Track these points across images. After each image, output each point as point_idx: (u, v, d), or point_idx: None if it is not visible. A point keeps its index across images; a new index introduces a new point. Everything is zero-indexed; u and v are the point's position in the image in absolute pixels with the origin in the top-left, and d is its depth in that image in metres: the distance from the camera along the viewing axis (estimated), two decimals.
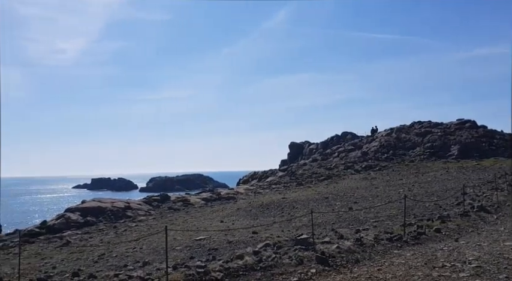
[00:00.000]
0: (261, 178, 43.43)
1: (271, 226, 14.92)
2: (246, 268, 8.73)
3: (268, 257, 9.27)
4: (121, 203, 26.06)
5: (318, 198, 22.03)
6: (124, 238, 16.22)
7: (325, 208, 18.89)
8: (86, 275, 9.16)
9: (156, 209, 26.08)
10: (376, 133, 48.77)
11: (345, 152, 44.32)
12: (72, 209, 24.67)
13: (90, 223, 22.20)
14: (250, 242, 11.96)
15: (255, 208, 20.83)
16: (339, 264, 9.05)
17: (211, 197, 29.83)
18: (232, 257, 9.57)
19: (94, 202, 26.15)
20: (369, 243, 10.57)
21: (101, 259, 11.82)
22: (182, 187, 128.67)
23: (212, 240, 13.11)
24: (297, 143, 64.76)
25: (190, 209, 25.03)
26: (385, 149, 41.00)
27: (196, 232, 15.11)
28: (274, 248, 10.36)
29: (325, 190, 25.37)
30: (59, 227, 21.35)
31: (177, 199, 29.47)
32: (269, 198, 24.73)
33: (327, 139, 58.28)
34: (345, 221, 14.75)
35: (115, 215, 23.63)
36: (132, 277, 8.52)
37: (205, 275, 8.27)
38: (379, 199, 19.65)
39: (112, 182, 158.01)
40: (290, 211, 19.06)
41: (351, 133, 56.29)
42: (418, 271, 8.31)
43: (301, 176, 35.23)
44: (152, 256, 11.57)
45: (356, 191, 23.29)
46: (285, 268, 8.73)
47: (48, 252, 14.81)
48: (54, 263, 11.97)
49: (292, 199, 22.46)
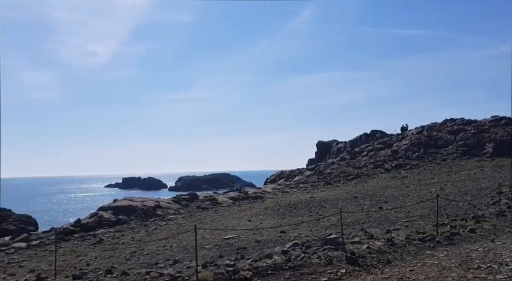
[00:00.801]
0: (289, 177, 43.26)
1: (299, 226, 14.85)
2: (275, 267, 8.73)
3: (297, 257, 9.23)
4: (151, 202, 26.58)
5: (347, 197, 21.75)
6: (154, 236, 16.54)
7: (354, 207, 18.64)
8: (119, 273, 9.40)
9: (185, 208, 26.45)
10: (407, 131, 47.68)
11: (374, 151, 43.54)
12: (104, 208, 25.37)
13: (121, 222, 22.76)
14: (278, 242, 11.95)
15: (283, 207, 20.78)
16: (369, 264, 8.90)
17: (239, 196, 29.99)
18: (260, 256, 9.59)
19: (125, 201, 26.79)
20: (400, 243, 10.35)
21: (132, 257, 12.10)
22: (210, 186, 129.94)
23: (240, 239, 13.17)
24: (325, 142, 64.12)
25: (219, 208, 25.25)
26: (416, 147, 40.03)
27: (224, 230, 15.23)
28: (302, 247, 10.32)
29: (354, 189, 25.03)
30: (92, 226, 21.99)
31: (206, 198, 29.79)
32: (297, 197, 24.63)
33: (355, 138, 57.41)
34: (375, 221, 14.50)
35: (145, 214, 24.13)
36: (163, 274, 8.67)
37: (234, 274, 8.31)
38: (410, 199, 19.21)
39: (142, 181, 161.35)
40: (318, 210, 18.90)
41: (380, 131, 55.20)
42: (452, 272, 8.08)
43: (329, 175, 34.87)
44: (182, 254, 11.74)
45: (386, 190, 22.85)
46: (314, 267, 8.67)
47: (83, 249, 15.29)
48: (88, 260, 12.35)
49: (321, 199, 22.28)
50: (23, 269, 11.83)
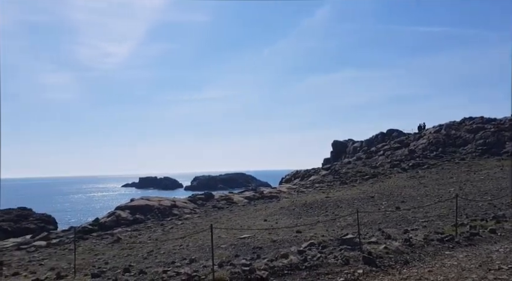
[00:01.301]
0: (304, 177, 43.09)
1: (315, 225, 14.78)
2: (291, 267, 8.70)
3: (313, 257, 9.19)
4: (167, 202, 26.82)
5: (363, 197, 21.55)
6: (171, 236, 16.69)
7: (371, 207, 18.45)
8: (137, 271, 9.50)
9: (200, 208, 26.61)
10: (424, 130, 46.98)
11: (390, 150, 43.03)
12: (121, 207, 25.71)
13: (138, 221, 23.03)
14: (294, 242, 11.92)
15: (298, 207, 20.72)
16: (387, 265, 8.80)
17: (254, 196, 30.02)
18: (276, 256, 9.57)
19: (142, 200, 27.09)
20: (418, 244, 10.20)
21: (149, 256, 12.23)
22: (225, 185, 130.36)
23: (256, 239, 13.19)
24: (340, 141, 63.64)
25: (234, 208, 25.31)
26: (433, 146, 39.40)
27: (240, 230, 15.27)
28: (319, 247, 10.26)
29: (371, 189, 24.78)
30: (110, 225, 22.32)
31: (221, 197, 29.92)
32: (312, 197, 24.51)
33: (371, 137, 56.81)
34: (392, 221, 14.32)
35: (162, 213, 24.37)
36: (179, 273, 8.73)
37: (250, 273, 8.31)
38: (429, 198, 18.92)
39: (158, 181, 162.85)
40: (334, 210, 18.78)
41: (396, 130, 54.49)
42: (472, 273, 7.92)
43: (345, 174, 34.60)
44: (198, 253, 11.81)
45: (403, 190, 22.56)
46: (330, 267, 8.61)
47: (101, 248, 15.53)
48: (107, 259, 12.53)
49: (336, 198, 22.13)
50: (43, 267, 12.07)
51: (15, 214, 47.32)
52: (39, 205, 70.67)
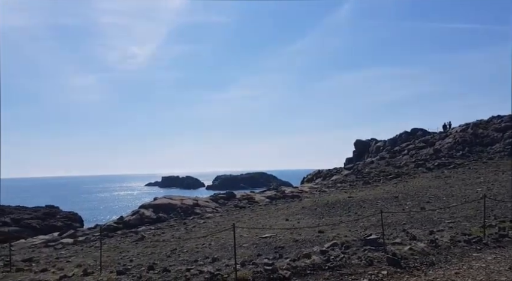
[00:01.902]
0: (326, 177, 42.77)
1: (337, 226, 14.64)
2: (314, 267, 8.65)
3: (336, 257, 9.10)
4: (190, 201, 27.10)
5: (387, 197, 21.21)
6: (193, 234, 16.84)
7: (395, 207, 18.14)
8: (160, 269, 9.63)
9: (222, 207, 26.76)
10: (450, 129, 45.94)
11: (415, 150, 42.23)
12: (145, 206, 26.13)
13: (162, 219, 23.35)
14: (316, 241, 11.84)
15: (321, 207, 20.57)
16: (412, 266, 8.63)
17: (276, 195, 29.98)
18: (299, 256, 9.53)
19: (165, 199, 27.46)
20: (444, 245, 9.97)
21: (173, 254, 12.37)
22: (246, 185, 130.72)
23: (278, 238, 13.16)
24: (363, 140, 62.90)
25: (256, 207, 25.34)
26: (460, 145, 38.45)
27: (262, 229, 15.27)
28: (342, 248, 10.16)
29: (395, 189, 24.37)
30: (134, 223, 22.71)
31: (243, 196, 30.02)
32: (335, 197, 24.30)
33: (395, 136, 55.91)
34: (417, 222, 14.04)
35: (184, 212, 24.63)
36: (202, 272, 8.80)
37: (273, 273, 8.31)
38: (455, 199, 18.46)
39: (180, 180, 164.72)
40: (357, 210, 18.56)
41: (421, 130, 53.46)
42: (502, 275, 7.69)
43: (368, 174, 34.15)
44: (221, 252, 11.87)
45: (428, 190, 22.09)
46: (354, 268, 8.51)
47: (125, 246, 15.80)
48: (131, 256, 12.75)
49: (359, 198, 21.86)
50: (70, 264, 12.37)
51: (43, 212, 48.73)
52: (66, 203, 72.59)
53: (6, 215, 44.82)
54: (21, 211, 48.83)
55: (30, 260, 13.75)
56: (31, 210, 49.94)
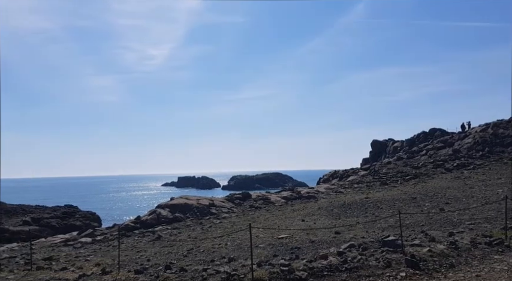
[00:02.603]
0: (342, 177, 42.43)
1: (354, 226, 14.51)
2: (331, 268, 8.57)
3: (353, 258, 9.01)
4: (206, 201, 27.21)
5: (405, 198, 20.92)
6: (210, 234, 16.91)
7: (413, 208, 17.88)
8: (177, 269, 9.69)
9: (238, 207, 26.80)
10: (469, 129, 45.03)
11: (433, 150, 41.55)
12: (162, 206, 26.35)
13: (178, 219, 23.51)
14: (333, 242, 11.75)
15: (337, 208, 20.42)
16: (431, 268, 8.48)
17: (292, 195, 29.88)
18: (315, 257, 9.47)
19: (181, 199, 27.63)
20: (464, 247, 9.77)
21: (189, 254, 12.45)
22: (262, 185, 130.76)
23: (294, 239, 13.11)
24: (380, 141, 62.17)
25: (271, 208, 25.30)
26: (480, 146, 37.66)
27: (278, 230, 15.24)
28: (359, 249, 10.05)
29: (412, 190, 24.02)
30: (151, 223, 22.93)
31: (258, 197, 29.99)
32: (351, 198, 24.09)
33: (412, 136, 55.09)
34: (436, 223, 13.80)
35: (200, 212, 24.75)
36: (219, 272, 8.82)
37: (289, 273, 8.27)
38: (475, 200, 18.09)
39: (196, 180, 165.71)
40: (374, 211, 18.36)
41: (439, 130, 52.53)
42: None
43: (385, 175, 33.74)
44: (237, 252, 11.89)
45: (447, 191, 21.70)
46: (371, 270, 8.41)
47: (143, 245, 15.98)
48: (148, 256, 12.88)
49: (376, 199, 21.61)
50: (89, 263, 12.56)
51: (62, 211, 49.61)
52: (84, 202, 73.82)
53: (26, 215, 45.79)
54: (41, 211, 49.84)
55: (50, 258, 14.01)
56: (50, 209, 50.95)
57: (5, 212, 47.01)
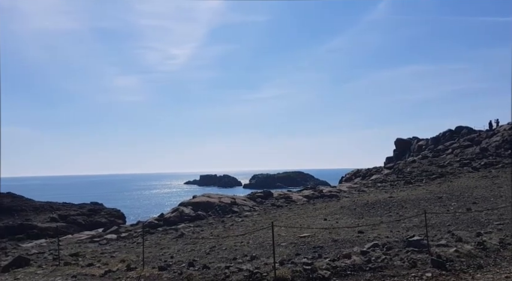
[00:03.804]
0: (365, 176, 41.91)
1: (378, 226, 14.29)
2: (354, 267, 8.48)
3: (377, 258, 8.89)
4: (227, 199, 27.35)
5: (430, 198, 20.49)
6: (231, 232, 16.97)
7: (439, 208, 17.49)
8: (200, 266, 9.78)
9: (259, 205, 26.81)
10: (497, 127, 43.72)
11: (460, 148, 40.55)
12: (184, 204, 26.64)
13: (200, 217, 23.72)
14: (356, 242, 11.61)
15: (360, 207, 20.17)
16: (458, 269, 8.28)
17: (313, 194, 29.70)
18: (338, 256, 9.39)
19: (204, 197, 27.87)
20: (493, 247, 9.49)
21: (212, 251, 12.52)
22: (283, 184, 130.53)
23: (317, 238, 13.01)
24: (404, 139, 61.08)
25: (293, 206, 25.21)
26: (508, 144, 36.51)
27: (300, 229, 15.17)
28: (383, 248, 9.90)
29: (438, 189, 23.50)
30: (174, 220, 23.20)
31: (280, 195, 29.95)
32: (374, 197, 23.76)
33: (438, 134, 53.86)
34: (463, 223, 13.45)
35: (222, 210, 24.89)
36: (241, 269, 8.85)
37: (312, 272, 8.22)
38: (503, 200, 17.55)
39: (218, 179, 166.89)
40: (398, 210, 18.05)
41: (466, 128, 51.17)
42: None
43: (410, 174, 33.14)
44: (259, 250, 11.89)
45: (474, 190, 21.14)
46: (396, 270, 8.27)
47: (166, 242, 16.18)
48: (172, 253, 13.03)
49: (401, 198, 21.25)
50: (114, 259, 12.80)
51: (88, 209, 50.76)
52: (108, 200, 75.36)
53: (54, 211, 47.08)
54: (67, 208, 51.14)
55: (77, 254, 14.36)
56: (77, 207, 52.25)
57: (33, 209, 48.49)
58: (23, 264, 12.50)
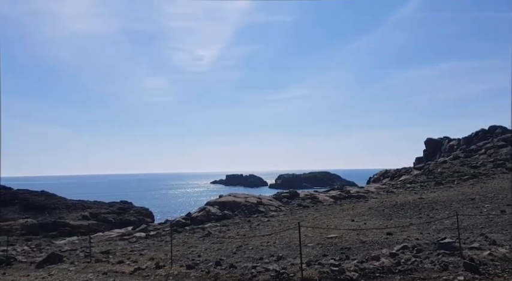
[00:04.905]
0: (394, 177, 41.11)
1: (407, 228, 13.98)
2: (383, 270, 8.32)
3: (407, 260, 8.69)
4: (253, 199, 27.41)
5: (462, 199, 19.89)
6: (258, 232, 16.99)
7: (472, 210, 16.94)
8: (227, 265, 9.84)
9: (285, 205, 26.74)
10: None
11: (493, 149, 39.16)
12: (211, 203, 26.89)
13: (227, 216, 23.88)
14: (385, 244, 11.39)
15: (388, 208, 19.80)
16: (492, 273, 7.99)
17: (340, 195, 29.37)
18: (367, 258, 9.24)
19: (230, 197, 28.04)
20: None
21: (238, 251, 12.58)
22: (309, 184, 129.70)
23: (344, 239, 12.85)
24: (434, 139, 59.50)
25: (319, 207, 25.01)
26: None
27: (326, 229, 15.02)
28: (413, 251, 9.67)
29: (470, 191, 22.78)
30: (200, 219, 23.46)
31: (306, 196, 29.77)
32: (404, 198, 23.26)
33: (470, 134, 52.18)
34: (497, 226, 12.98)
35: (249, 210, 24.97)
36: (268, 269, 8.85)
37: (340, 274, 8.13)
38: None
39: (244, 179, 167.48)
40: (429, 212, 17.61)
41: (500, 127, 49.35)
42: None
43: (441, 174, 32.28)
44: (285, 251, 11.85)
45: (509, 192, 20.36)
46: (427, 273, 8.07)
47: (193, 241, 16.37)
48: (199, 251, 13.17)
49: (431, 200, 20.72)
50: (143, 257, 13.06)
51: (118, 207, 51.97)
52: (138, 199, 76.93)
53: (85, 210, 48.46)
54: (98, 206, 52.53)
55: (107, 252, 14.74)
56: (107, 205, 53.61)
57: (66, 207, 50.10)
58: (57, 260, 12.94)
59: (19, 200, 50.90)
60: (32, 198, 52.30)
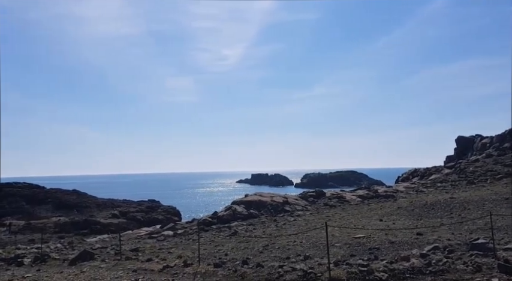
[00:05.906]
0: (423, 176, 40.16)
1: (438, 228, 13.63)
2: (413, 270, 8.14)
3: (438, 261, 8.47)
4: (279, 198, 27.35)
5: (495, 199, 19.22)
6: (284, 231, 16.94)
7: (506, 210, 16.34)
8: (254, 264, 9.86)
9: (312, 205, 26.56)
10: None
11: None
12: (237, 202, 27.00)
13: (253, 215, 23.92)
14: (415, 244, 11.15)
15: (418, 208, 19.36)
16: None
17: (368, 194, 28.94)
18: (396, 258, 9.07)
19: (256, 196, 28.07)
20: None
21: (265, 250, 12.58)
22: (335, 183, 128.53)
23: (372, 239, 12.65)
24: (466, 137, 57.74)
25: (346, 206, 24.72)
26: None
27: (354, 229, 14.83)
28: (444, 251, 9.42)
29: (505, 190, 21.99)
30: (227, 218, 23.60)
31: (333, 195, 29.48)
32: (434, 197, 22.69)
33: (504, 132, 50.31)
34: None
35: (274, 209, 24.93)
36: (295, 269, 8.81)
37: (368, 274, 8.01)
38: None
39: (269, 178, 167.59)
40: (460, 212, 17.11)
41: None
42: None
43: (473, 173, 31.31)
44: (312, 250, 11.77)
45: None
46: (459, 274, 7.84)
47: (220, 240, 16.49)
48: (226, 250, 13.25)
49: (463, 199, 20.13)
50: (171, 255, 13.26)
51: (146, 206, 52.97)
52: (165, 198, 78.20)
53: (115, 208, 49.64)
54: (127, 205, 53.72)
55: (136, 250, 15.03)
56: (136, 204, 54.78)
57: (97, 205, 51.51)
58: (88, 258, 13.31)
59: (52, 199, 52.71)
60: (64, 197, 54.04)
